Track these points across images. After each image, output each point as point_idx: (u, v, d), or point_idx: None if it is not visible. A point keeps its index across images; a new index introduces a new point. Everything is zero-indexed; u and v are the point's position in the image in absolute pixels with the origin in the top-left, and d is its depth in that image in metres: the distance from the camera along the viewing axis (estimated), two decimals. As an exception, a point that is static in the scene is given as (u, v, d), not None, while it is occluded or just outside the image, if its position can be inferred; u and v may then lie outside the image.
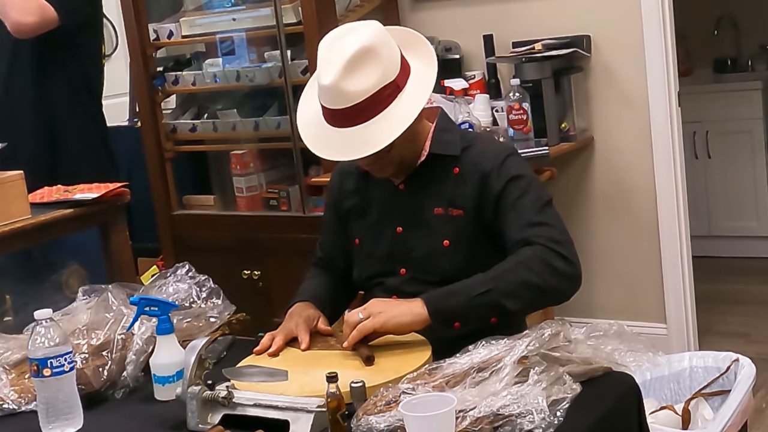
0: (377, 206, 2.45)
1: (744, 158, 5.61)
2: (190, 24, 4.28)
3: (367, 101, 2.20)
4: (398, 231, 2.41)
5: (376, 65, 2.20)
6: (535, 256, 2.19)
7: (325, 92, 2.22)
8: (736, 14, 6.00)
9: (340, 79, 2.18)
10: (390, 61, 2.24)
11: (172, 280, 2.48)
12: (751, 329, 4.67)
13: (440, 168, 2.37)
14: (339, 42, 2.23)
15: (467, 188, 2.34)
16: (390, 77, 2.22)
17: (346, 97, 2.19)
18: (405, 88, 2.25)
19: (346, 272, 2.56)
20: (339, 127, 2.24)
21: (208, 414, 1.97)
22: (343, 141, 2.23)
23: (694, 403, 2.91)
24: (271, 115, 4.19)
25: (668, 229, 4.20)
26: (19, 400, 2.21)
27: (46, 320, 2.03)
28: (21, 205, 2.94)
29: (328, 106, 2.24)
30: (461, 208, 2.34)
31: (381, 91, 2.20)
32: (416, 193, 2.39)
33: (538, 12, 4.26)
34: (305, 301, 2.43)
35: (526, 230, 2.24)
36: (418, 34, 2.41)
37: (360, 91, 2.19)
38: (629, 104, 4.17)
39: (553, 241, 2.21)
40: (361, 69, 2.18)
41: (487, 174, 2.31)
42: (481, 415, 1.75)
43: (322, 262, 2.61)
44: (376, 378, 2.00)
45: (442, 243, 2.35)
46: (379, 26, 2.27)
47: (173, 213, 4.46)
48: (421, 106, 2.25)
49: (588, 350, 1.96)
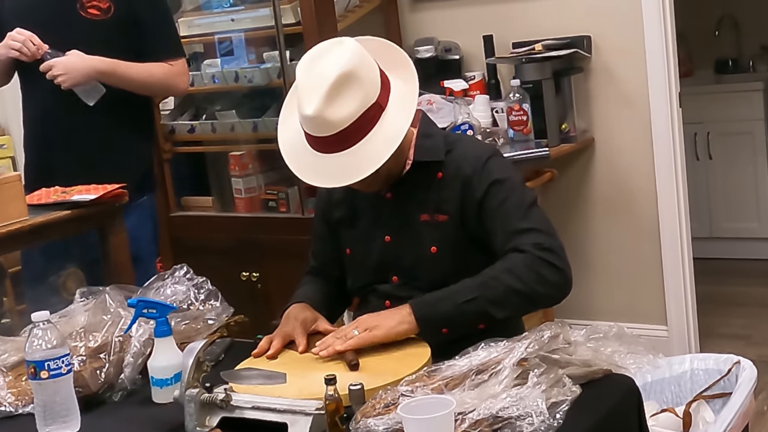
0: (365, 216, 2.44)
1: (745, 159, 5.60)
2: (188, 24, 4.28)
3: (351, 126, 2.16)
4: (386, 240, 2.39)
5: (358, 89, 2.16)
6: (523, 264, 2.18)
7: (308, 121, 2.18)
8: (737, 15, 5.99)
9: (322, 108, 2.13)
10: (371, 82, 2.20)
11: (170, 282, 2.48)
12: (753, 331, 4.66)
13: (425, 174, 2.35)
14: (317, 66, 2.18)
15: (450, 192, 2.32)
16: (372, 99, 2.19)
17: (329, 125, 2.16)
18: (387, 107, 2.22)
19: (340, 279, 2.55)
20: (324, 152, 2.21)
21: (206, 417, 1.96)
22: (331, 167, 2.20)
23: (695, 405, 2.90)
24: (269, 116, 4.17)
25: (669, 231, 4.19)
26: (16, 403, 2.20)
27: (44, 322, 2.02)
28: (18, 206, 2.92)
29: (311, 134, 2.21)
30: (446, 213, 2.33)
31: (364, 115, 2.17)
32: (403, 202, 2.37)
33: (539, 12, 4.26)
34: (301, 302, 2.42)
35: (514, 238, 2.22)
36: (393, 45, 2.37)
37: (343, 118, 2.15)
38: (630, 105, 4.16)
39: (541, 248, 2.19)
40: (342, 96, 2.14)
41: (469, 178, 2.30)
42: (480, 418, 1.74)
43: (316, 271, 2.60)
44: (375, 380, 1.99)
45: (430, 249, 2.34)
46: (356, 46, 2.22)
47: (171, 214, 4.45)
48: (406, 127, 2.21)
49: (588, 352, 1.95)
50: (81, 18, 3.36)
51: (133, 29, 3.43)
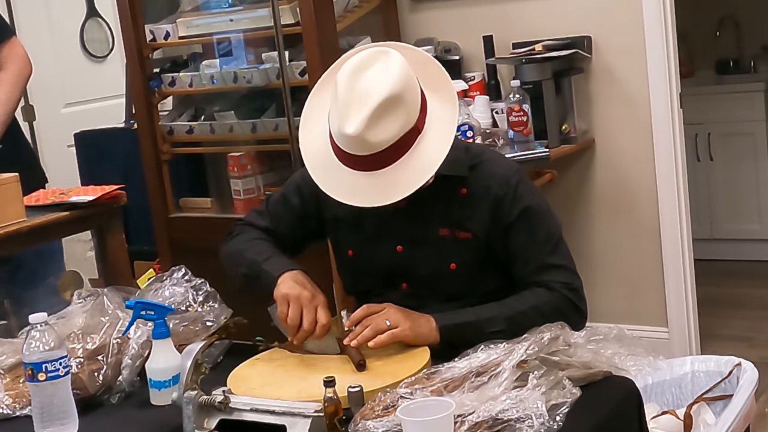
0: (373, 221, 2.37)
1: (746, 160, 5.59)
2: (187, 25, 4.27)
3: (390, 148, 2.10)
4: (398, 249, 2.36)
5: (402, 112, 2.09)
6: (553, 305, 2.21)
7: (346, 139, 2.10)
8: (738, 15, 5.98)
9: (365, 129, 2.07)
10: (414, 103, 2.13)
11: (168, 283, 2.47)
12: (754, 333, 4.65)
13: (446, 188, 2.29)
14: (361, 80, 2.11)
15: (476, 212, 2.29)
16: (413, 122, 2.13)
17: (368, 146, 2.09)
18: (424, 130, 2.15)
19: (283, 250, 2.45)
20: (354, 169, 2.14)
21: (205, 419, 1.95)
22: (359, 186, 2.14)
23: (696, 407, 2.89)
24: (268, 117, 4.17)
25: (670, 232, 4.18)
26: (14, 405, 2.19)
27: (41, 324, 2.02)
28: (16, 207, 2.93)
29: (347, 151, 2.13)
30: (469, 231, 2.30)
31: (403, 138, 2.11)
32: (419, 213, 2.32)
33: (539, 13, 4.25)
34: (297, 270, 2.33)
35: (542, 273, 2.25)
36: (433, 60, 2.28)
37: (383, 140, 2.09)
38: (630, 106, 4.16)
39: (570, 288, 2.24)
40: (386, 118, 2.07)
41: (500, 201, 2.27)
42: (479, 420, 1.74)
43: (269, 232, 2.49)
44: (374, 382, 1.99)
45: (449, 266, 2.31)
46: (402, 64, 2.13)
47: (170, 216, 4.43)
48: (441, 159, 2.14)
49: (588, 354, 1.95)
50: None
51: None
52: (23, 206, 2.96)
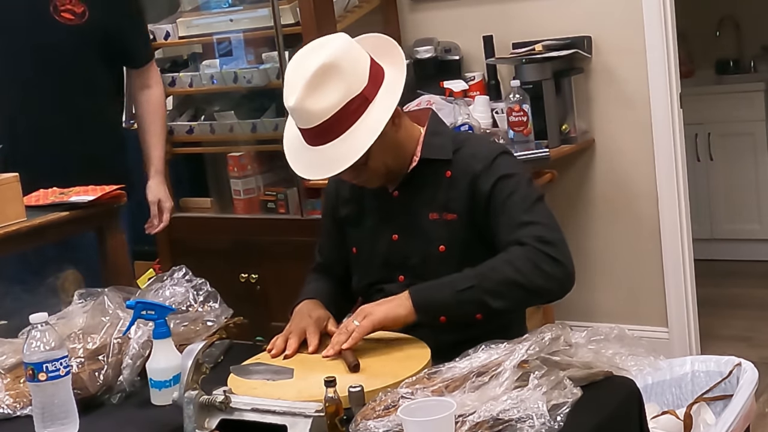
0: (372, 214, 2.44)
1: (746, 160, 5.60)
2: (187, 25, 4.27)
3: (334, 118, 2.18)
4: (394, 238, 2.39)
5: (339, 81, 2.18)
6: (523, 255, 2.18)
7: (292, 113, 2.24)
8: (739, 15, 5.99)
9: (302, 99, 2.17)
10: (355, 74, 2.21)
11: (168, 283, 2.48)
12: (754, 333, 4.65)
13: (433, 173, 2.36)
14: (304, 60, 2.22)
15: (459, 191, 2.32)
16: (356, 91, 2.20)
17: (311, 116, 2.19)
18: (375, 99, 2.23)
19: (345, 277, 2.55)
20: (312, 145, 2.24)
21: (205, 419, 1.95)
22: (316, 159, 2.24)
23: (696, 407, 2.89)
24: (268, 117, 4.17)
25: (670, 232, 4.18)
26: (15, 405, 2.20)
27: (42, 324, 2.02)
28: (16, 207, 2.92)
29: (299, 126, 2.24)
30: (455, 212, 2.33)
31: (347, 106, 2.19)
32: (411, 200, 2.38)
33: (539, 13, 4.25)
34: (312, 299, 2.41)
35: (516, 231, 2.22)
36: (388, 39, 2.38)
37: (324, 109, 2.18)
38: (630, 106, 4.16)
39: (542, 241, 2.19)
40: (322, 87, 2.17)
41: (477, 176, 2.30)
42: (480, 420, 1.74)
43: (322, 267, 2.60)
44: (375, 382, 1.98)
45: (438, 248, 2.34)
46: (344, 40, 2.25)
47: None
48: (387, 117, 2.22)
49: (589, 354, 1.95)
50: (55, 22, 3.33)
51: (109, 34, 3.40)
52: (23, 206, 2.96)
